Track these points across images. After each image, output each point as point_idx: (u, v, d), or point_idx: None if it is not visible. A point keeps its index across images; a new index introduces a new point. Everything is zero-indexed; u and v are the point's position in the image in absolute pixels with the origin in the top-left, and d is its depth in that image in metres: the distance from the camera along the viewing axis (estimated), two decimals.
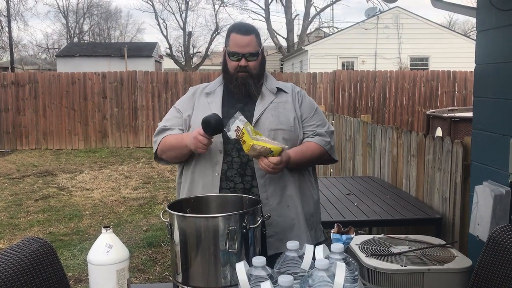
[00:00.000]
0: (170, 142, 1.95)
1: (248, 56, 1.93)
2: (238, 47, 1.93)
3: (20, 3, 26.84)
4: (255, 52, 1.95)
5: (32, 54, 38.03)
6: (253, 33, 1.96)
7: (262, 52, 2.01)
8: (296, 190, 1.94)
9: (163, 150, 1.99)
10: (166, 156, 2.00)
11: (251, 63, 1.94)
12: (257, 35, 1.99)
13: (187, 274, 1.55)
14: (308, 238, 1.94)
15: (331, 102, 12.28)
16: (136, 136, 11.98)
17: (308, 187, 2.00)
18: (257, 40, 1.97)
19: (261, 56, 1.99)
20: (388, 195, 4.02)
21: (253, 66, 1.95)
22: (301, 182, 1.96)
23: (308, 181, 2.00)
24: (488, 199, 2.59)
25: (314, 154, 1.96)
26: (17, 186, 7.62)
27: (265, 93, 2.00)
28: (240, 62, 1.94)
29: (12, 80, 11.58)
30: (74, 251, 4.59)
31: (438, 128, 7.30)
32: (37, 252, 1.61)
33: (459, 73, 12.44)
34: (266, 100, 1.98)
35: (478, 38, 2.90)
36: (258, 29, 2.15)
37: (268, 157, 1.74)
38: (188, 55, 30.60)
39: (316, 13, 26.72)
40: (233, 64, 1.96)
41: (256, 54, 1.95)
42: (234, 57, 1.95)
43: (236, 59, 1.94)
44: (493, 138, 2.74)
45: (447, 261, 2.69)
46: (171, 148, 1.96)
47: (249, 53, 1.93)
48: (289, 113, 1.97)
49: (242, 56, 1.93)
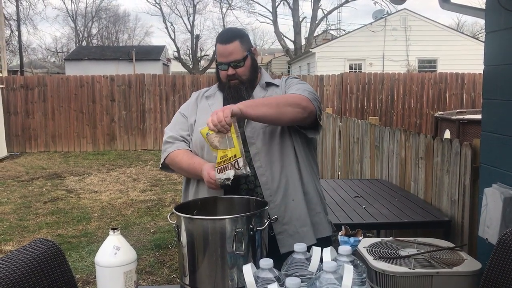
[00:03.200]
0: (180, 165, 1.95)
1: (234, 64, 1.92)
2: (222, 57, 1.93)
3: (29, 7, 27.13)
4: (241, 58, 1.92)
5: (41, 57, 38.40)
6: (236, 38, 1.92)
7: (251, 55, 1.97)
8: (299, 183, 1.93)
9: (172, 165, 2.00)
10: (175, 169, 2.02)
11: (239, 70, 1.93)
12: (242, 39, 1.95)
13: (194, 276, 1.55)
14: (317, 231, 1.94)
15: (338, 105, 12.25)
16: (144, 138, 12.03)
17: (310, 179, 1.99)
18: (242, 45, 1.93)
19: (249, 60, 1.96)
20: (396, 198, 4.00)
21: (242, 72, 1.94)
22: (302, 175, 1.95)
23: (310, 173, 1.99)
24: (498, 202, 2.57)
25: (282, 96, 1.88)
26: (26, 188, 7.68)
27: (257, 91, 2.00)
28: (228, 71, 1.93)
29: (21, 84, 11.68)
30: (82, 253, 4.61)
31: (446, 130, 7.26)
32: (45, 254, 1.61)
33: (467, 75, 12.37)
34: (257, 97, 1.98)
35: (487, 40, 2.88)
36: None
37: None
38: (195, 58, 30.71)
39: (324, 15, 26.73)
40: (223, 74, 1.96)
41: (242, 60, 1.93)
42: (221, 67, 1.95)
43: (224, 69, 1.94)
44: (503, 140, 2.72)
45: (456, 264, 2.67)
46: (180, 169, 1.97)
47: (234, 61, 1.91)
48: None
49: (228, 65, 1.92)
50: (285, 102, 1.79)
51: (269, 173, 1.89)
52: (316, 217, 1.98)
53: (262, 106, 1.74)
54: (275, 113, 1.75)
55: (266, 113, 1.74)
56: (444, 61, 17.47)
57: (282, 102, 1.79)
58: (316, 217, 1.98)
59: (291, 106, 1.79)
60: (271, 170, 1.89)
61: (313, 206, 1.98)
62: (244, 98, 1.94)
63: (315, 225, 1.96)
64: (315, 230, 1.93)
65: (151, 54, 25.14)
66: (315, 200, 1.99)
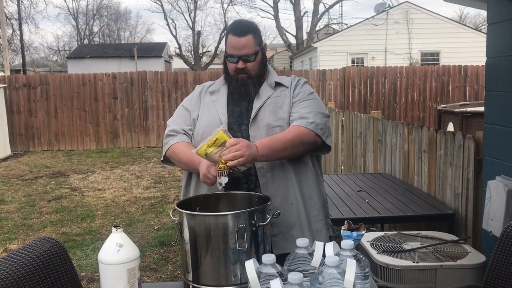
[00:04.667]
0: (180, 157, 1.92)
1: (245, 58, 1.90)
2: (234, 50, 1.89)
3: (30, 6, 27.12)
4: (253, 53, 1.90)
5: (43, 56, 38.44)
6: (250, 32, 1.90)
7: (262, 50, 1.96)
8: (300, 187, 1.90)
9: (172, 157, 1.98)
10: (175, 162, 2.00)
11: (249, 64, 1.91)
12: (255, 33, 1.92)
13: (197, 272, 1.55)
14: (314, 236, 1.90)
15: (341, 99, 12.22)
16: (147, 136, 12.04)
17: (312, 182, 1.95)
18: (255, 39, 1.91)
19: (260, 55, 1.94)
20: (399, 191, 3.99)
21: (252, 67, 1.91)
22: (304, 179, 1.92)
23: (312, 177, 1.95)
24: (501, 194, 2.56)
25: (288, 135, 1.82)
26: (30, 187, 7.70)
27: (264, 89, 1.97)
28: (238, 64, 1.90)
29: (24, 83, 11.70)
30: (86, 251, 4.63)
31: (449, 123, 7.23)
32: (48, 252, 1.62)
33: (470, 68, 12.32)
34: (264, 95, 1.95)
35: (489, 31, 2.86)
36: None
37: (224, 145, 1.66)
38: (197, 54, 30.68)
39: (325, 9, 26.62)
40: (232, 66, 1.93)
41: (254, 55, 1.90)
42: (231, 59, 1.92)
43: (234, 61, 1.91)
44: (506, 132, 2.71)
45: (460, 257, 2.66)
46: (180, 162, 1.95)
47: (245, 55, 1.89)
48: (287, 107, 1.93)
49: (239, 58, 1.89)
50: (300, 142, 1.84)
51: (269, 175, 1.87)
52: (317, 224, 1.94)
53: (281, 151, 1.80)
54: (288, 155, 1.85)
55: (280, 157, 1.84)
56: (446, 53, 17.41)
57: (297, 142, 1.83)
58: (318, 224, 1.94)
59: (303, 145, 1.86)
60: (272, 172, 1.87)
61: (315, 212, 1.94)
62: (250, 94, 1.93)
63: (314, 232, 1.92)
64: (313, 237, 1.87)
65: (153, 51, 25.14)
66: (318, 206, 1.95)
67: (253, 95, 1.94)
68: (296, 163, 1.91)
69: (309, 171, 1.94)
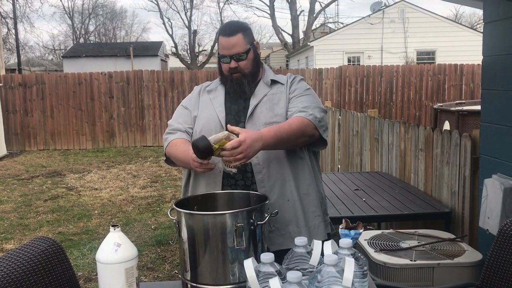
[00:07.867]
0: (176, 154, 1.92)
1: (237, 57, 1.91)
2: (225, 50, 1.91)
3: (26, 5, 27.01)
4: (244, 51, 1.91)
5: (38, 55, 38.32)
6: (239, 31, 1.91)
7: (254, 48, 1.97)
8: (296, 184, 1.90)
9: (171, 154, 1.98)
10: (173, 160, 2.00)
11: (241, 63, 1.92)
12: (245, 32, 1.94)
13: (195, 271, 1.54)
14: (311, 232, 1.90)
15: (337, 98, 12.24)
16: (143, 135, 12.02)
17: (309, 179, 1.95)
18: (245, 38, 1.92)
19: (252, 53, 1.95)
20: (396, 190, 4.00)
21: (244, 66, 1.93)
22: (301, 175, 1.93)
23: (309, 173, 1.96)
24: (498, 192, 2.57)
25: (293, 125, 1.81)
26: (26, 186, 7.68)
27: (260, 87, 1.98)
28: (230, 64, 1.92)
29: (20, 82, 11.65)
30: (83, 251, 4.62)
31: (446, 122, 7.25)
32: (45, 251, 1.61)
33: (466, 66, 12.36)
34: (260, 93, 1.96)
35: (486, 30, 2.87)
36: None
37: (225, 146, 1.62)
38: (193, 53, 30.63)
39: (321, 8, 26.64)
40: (225, 67, 1.95)
41: (245, 53, 1.92)
42: (224, 59, 1.94)
43: (226, 62, 1.93)
44: (502, 130, 2.72)
45: (457, 255, 2.67)
46: (177, 159, 1.94)
47: (237, 54, 1.90)
48: (283, 103, 1.94)
49: (231, 58, 1.91)
50: (302, 133, 1.84)
51: (265, 171, 1.87)
52: (314, 220, 1.94)
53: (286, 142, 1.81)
54: (290, 146, 1.87)
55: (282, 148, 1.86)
56: (442, 52, 17.45)
57: (299, 134, 1.83)
58: (315, 220, 1.95)
59: (304, 136, 1.86)
60: (268, 168, 1.88)
61: (313, 208, 1.95)
62: (246, 93, 1.94)
63: (311, 228, 1.92)
64: (310, 234, 1.88)
65: (149, 50, 25.06)
66: (315, 202, 1.96)
67: (249, 94, 1.95)
68: (293, 158, 1.92)
69: (306, 167, 1.94)
